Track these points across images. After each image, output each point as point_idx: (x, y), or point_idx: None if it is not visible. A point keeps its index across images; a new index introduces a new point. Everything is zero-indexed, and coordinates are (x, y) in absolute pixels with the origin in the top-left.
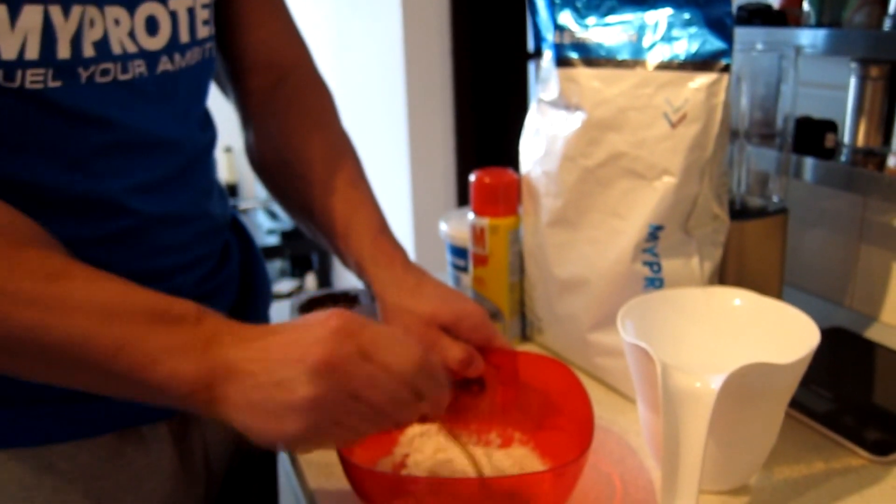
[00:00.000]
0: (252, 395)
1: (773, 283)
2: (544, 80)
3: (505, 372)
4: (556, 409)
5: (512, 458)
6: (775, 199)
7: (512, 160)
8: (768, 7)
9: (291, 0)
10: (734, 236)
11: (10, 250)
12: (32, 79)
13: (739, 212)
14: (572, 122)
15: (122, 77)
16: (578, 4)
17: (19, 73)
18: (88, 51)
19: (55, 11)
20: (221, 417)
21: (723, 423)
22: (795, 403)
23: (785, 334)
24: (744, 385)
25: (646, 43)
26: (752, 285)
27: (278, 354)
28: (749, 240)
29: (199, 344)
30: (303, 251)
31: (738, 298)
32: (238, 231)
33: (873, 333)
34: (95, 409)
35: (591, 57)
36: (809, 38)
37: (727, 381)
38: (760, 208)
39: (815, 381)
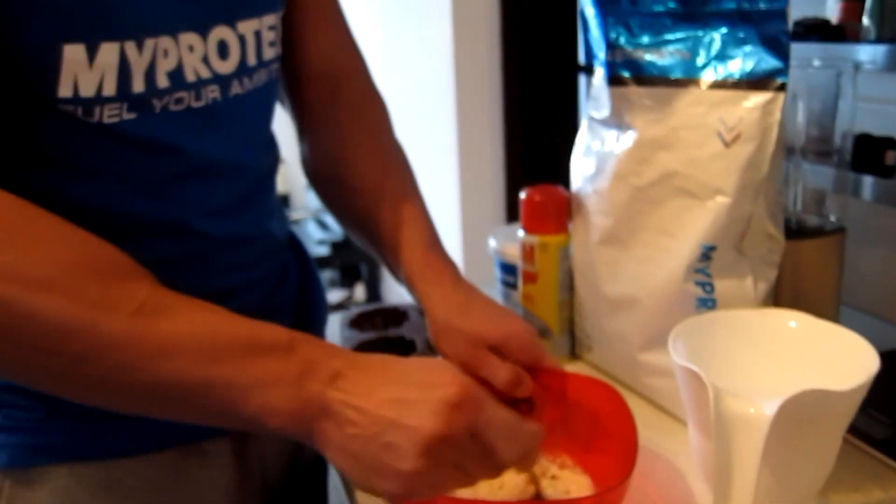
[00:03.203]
0: (354, 445)
1: (829, 305)
2: (595, 97)
3: (553, 392)
4: (603, 432)
5: (558, 481)
6: (832, 217)
7: (561, 176)
8: (826, 22)
9: (346, 9)
10: (790, 256)
11: (98, 286)
12: (109, 113)
13: (795, 231)
14: (624, 140)
15: (195, 104)
16: (631, 22)
17: (97, 109)
18: (162, 81)
19: (130, 47)
20: (319, 450)
21: (776, 449)
22: (853, 429)
23: (842, 359)
24: (799, 412)
25: (699, 61)
26: (808, 306)
27: (390, 413)
28: (805, 260)
29: (291, 377)
30: (352, 261)
31: (793, 321)
32: (296, 249)
33: None
34: (160, 424)
35: (644, 75)
36: (869, 53)
37: (782, 408)
38: (817, 228)
39: (873, 405)
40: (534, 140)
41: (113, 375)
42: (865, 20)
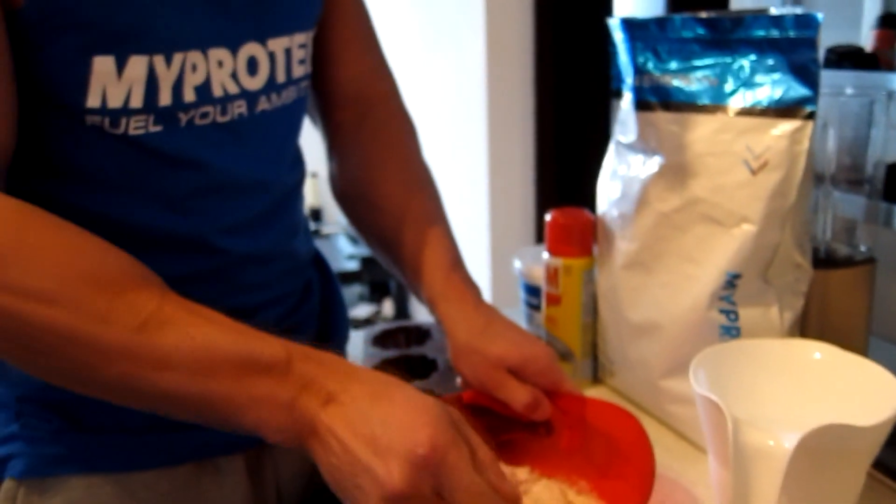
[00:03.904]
0: (332, 471)
1: (858, 336)
2: (623, 122)
3: (571, 417)
4: (621, 458)
5: None
6: (863, 247)
7: (592, 198)
8: (859, 50)
9: (380, 30)
10: (817, 286)
11: (101, 298)
12: (135, 125)
13: (824, 260)
14: (650, 165)
15: (220, 119)
16: (659, 48)
17: (124, 121)
18: (189, 95)
19: (158, 61)
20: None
21: (796, 484)
22: (879, 464)
23: (867, 393)
24: (821, 446)
25: (727, 88)
26: (836, 338)
27: (364, 455)
28: (833, 290)
29: (286, 398)
30: (381, 277)
31: (819, 352)
32: (320, 267)
33: None
34: (176, 439)
35: (671, 101)
36: None
37: (802, 441)
38: (846, 257)
39: None
40: (565, 163)
41: (119, 382)
42: None
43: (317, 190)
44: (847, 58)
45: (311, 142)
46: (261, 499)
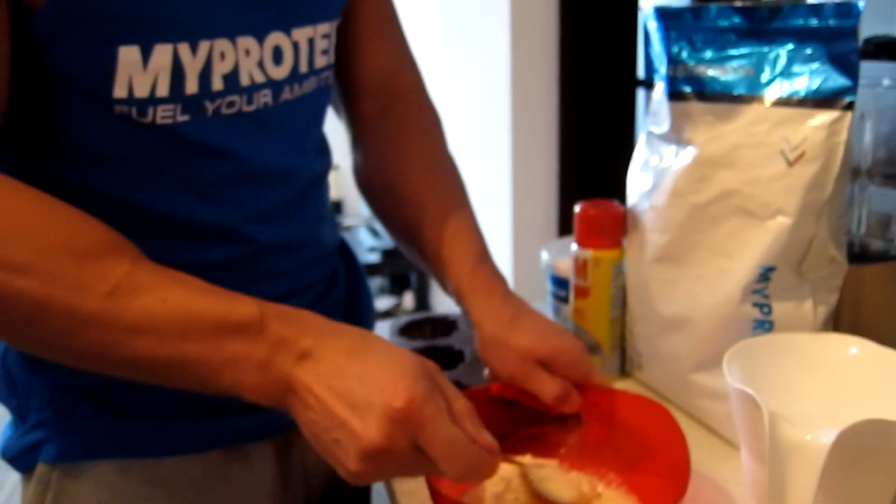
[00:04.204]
0: (310, 427)
1: (891, 332)
2: (655, 112)
3: (601, 410)
4: (652, 453)
5: (603, 501)
6: None
7: (616, 191)
8: None
9: (404, 20)
10: (851, 281)
11: (73, 266)
12: (163, 114)
13: (858, 255)
14: (683, 157)
15: (246, 108)
16: (694, 37)
17: (151, 110)
18: (217, 84)
19: (183, 49)
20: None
21: (834, 480)
22: None
23: None
24: (859, 442)
25: (764, 78)
26: (869, 332)
27: (341, 411)
28: (868, 285)
29: (260, 357)
30: (402, 270)
31: (855, 347)
32: (346, 256)
33: None
34: (206, 425)
35: (706, 91)
36: None
37: (840, 437)
38: (882, 252)
39: None
40: (588, 155)
41: (95, 349)
42: None
43: (338, 182)
44: (884, 49)
45: (333, 134)
46: (288, 484)
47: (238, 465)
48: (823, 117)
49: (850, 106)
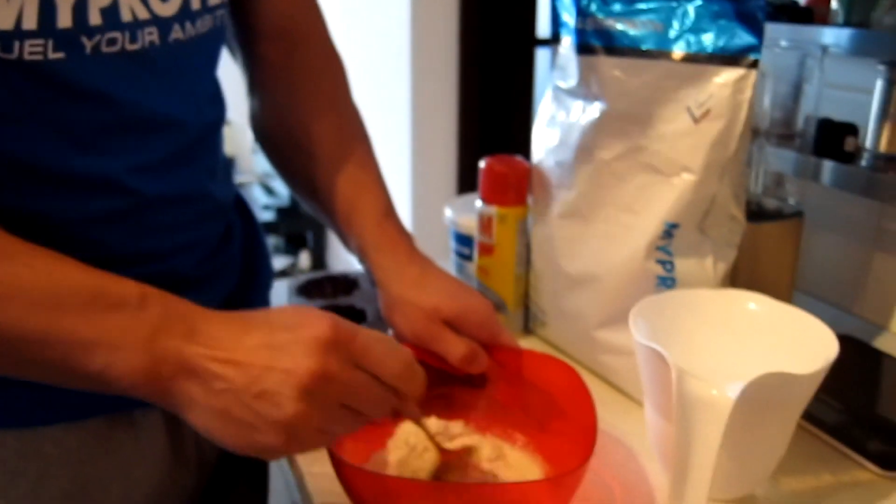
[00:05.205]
0: (223, 400)
1: (784, 288)
2: (562, 67)
3: (509, 370)
4: (559, 412)
5: (510, 462)
6: (791, 201)
7: (515, 147)
8: (794, 3)
9: None
10: (748, 238)
11: None
12: (31, 50)
13: (755, 213)
14: (590, 112)
15: (130, 47)
16: None
17: (17, 44)
18: (95, 18)
19: None
20: (178, 414)
21: (735, 431)
22: (804, 413)
23: (800, 342)
24: (761, 394)
25: (672, 34)
26: (764, 289)
27: (260, 359)
28: (763, 242)
29: (142, 333)
30: (298, 228)
31: (753, 302)
32: (242, 212)
33: (882, 343)
34: (85, 392)
35: (615, 45)
36: (836, 37)
37: (745, 390)
38: (776, 211)
39: (824, 390)
40: (488, 111)
41: None
42: (834, 3)
43: (231, 138)
44: (783, 11)
45: (226, 88)
46: (180, 453)
47: (123, 432)
48: (729, 75)
49: (755, 64)
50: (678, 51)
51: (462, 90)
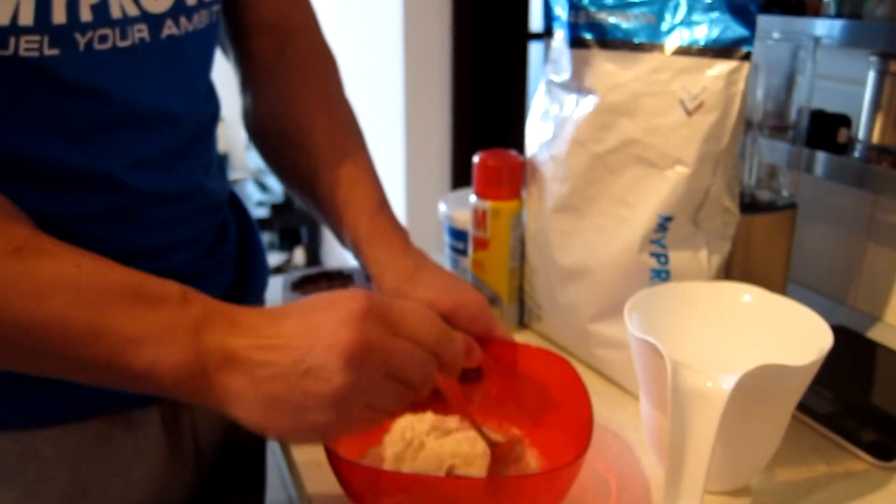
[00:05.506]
0: (270, 387)
1: (778, 279)
2: (555, 60)
3: (503, 364)
4: (554, 406)
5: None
6: (785, 193)
7: (508, 142)
8: None
9: None
10: (742, 230)
11: None
12: (27, 46)
13: (748, 205)
14: (584, 105)
15: (121, 44)
16: None
17: (12, 40)
18: (86, 14)
19: None
20: (220, 410)
21: (730, 423)
22: (798, 404)
23: (794, 334)
24: (756, 386)
25: (664, 26)
26: (757, 280)
27: (302, 340)
28: (757, 234)
29: (187, 328)
30: (292, 225)
31: (748, 294)
32: (236, 208)
33: (875, 334)
34: (84, 391)
35: (607, 38)
36: (828, 28)
37: (739, 382)
38: (769, 202)
39: (817, 380)
40: (482, 106)
41: None
42: None
43: (224, 135)
44: (775, 2)
45: (219, 85)
46: (178, 452)
47: (121, 432)
48: (722, 67)
49: (747, 56)
50: (671, 44)
51: (455, 84)
